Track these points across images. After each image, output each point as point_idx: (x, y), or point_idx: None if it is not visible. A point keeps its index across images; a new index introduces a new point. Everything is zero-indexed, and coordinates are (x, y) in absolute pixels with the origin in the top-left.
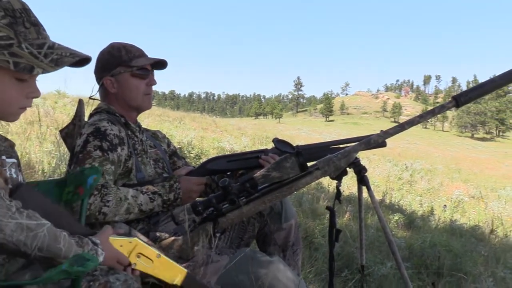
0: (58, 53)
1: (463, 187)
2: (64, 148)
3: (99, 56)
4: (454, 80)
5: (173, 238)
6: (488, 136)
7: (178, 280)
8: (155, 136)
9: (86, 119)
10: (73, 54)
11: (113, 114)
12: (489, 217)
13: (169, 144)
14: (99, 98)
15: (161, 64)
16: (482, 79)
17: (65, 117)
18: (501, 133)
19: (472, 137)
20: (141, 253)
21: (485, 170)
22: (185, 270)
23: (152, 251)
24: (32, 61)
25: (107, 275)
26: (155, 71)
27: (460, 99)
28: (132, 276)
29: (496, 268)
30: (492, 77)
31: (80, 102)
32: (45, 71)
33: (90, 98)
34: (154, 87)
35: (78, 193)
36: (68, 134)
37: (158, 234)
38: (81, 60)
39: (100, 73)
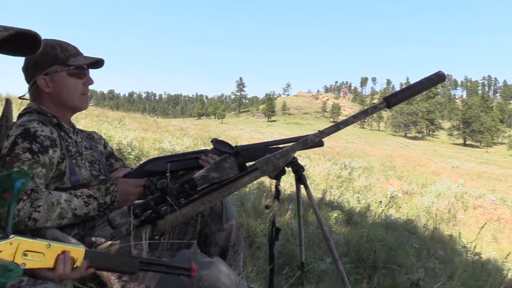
0: None
1: (397, 183)
2: None
3: None
4: (388, 82)
5: (109, 242)
6: (419, 135)
7: (78, 261)
8: (91, 137)
9: (14, 119)
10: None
11: (44, 114)
12: (420, 211)
13: (105, 145)
14: (29, 98)
15: (97, 63)
16: (414, 81)
17: None
18: (431, 132)
19: (405, 136)
20: (28, 250)
21: (417, 167)
22: (83, 249)
23: (39, 244)
24: None
25: (35, 285)
26: (90, 70)
27: (390, 100)
28: (61, 286)
29: (427, 259)
30: (419, 80)
31: (8, 102)
32: None
33: (20, 98)
34: (92, 87)
35: (5, 198)
36: None
37: (94, 239)
38: None
39: (32, 71)
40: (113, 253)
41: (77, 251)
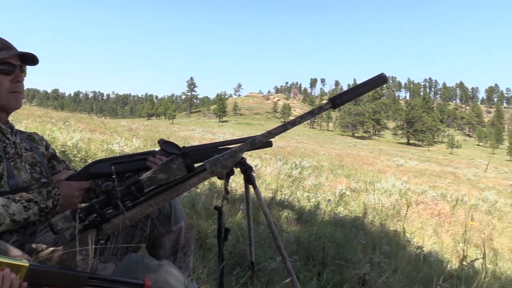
0: None
1: (345, 182)
2: None
3: None
4: (337, 83)
5: (52, 248)
6: (366, 135)
7: (19, 276)
8: (31, 138)
9: None
10: None
11: None
12: (367, 208)
13: (47, 146)
14: None
15: (31, 60)
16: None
17: None
18: (377, 132)
19: (353, 135)
20: None
21: (364, 166)
22: (26, 264)
23: None
24: None
25: None
26: (28, 67)
27: (335, 101)
28: None
29: (373, 254)
30: (362, 82)
31: None
32: None
33: None
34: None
35: None
36: None
37: (34, 245)
38: None
39: None
40: (60, 268)
41: (20, 266)
